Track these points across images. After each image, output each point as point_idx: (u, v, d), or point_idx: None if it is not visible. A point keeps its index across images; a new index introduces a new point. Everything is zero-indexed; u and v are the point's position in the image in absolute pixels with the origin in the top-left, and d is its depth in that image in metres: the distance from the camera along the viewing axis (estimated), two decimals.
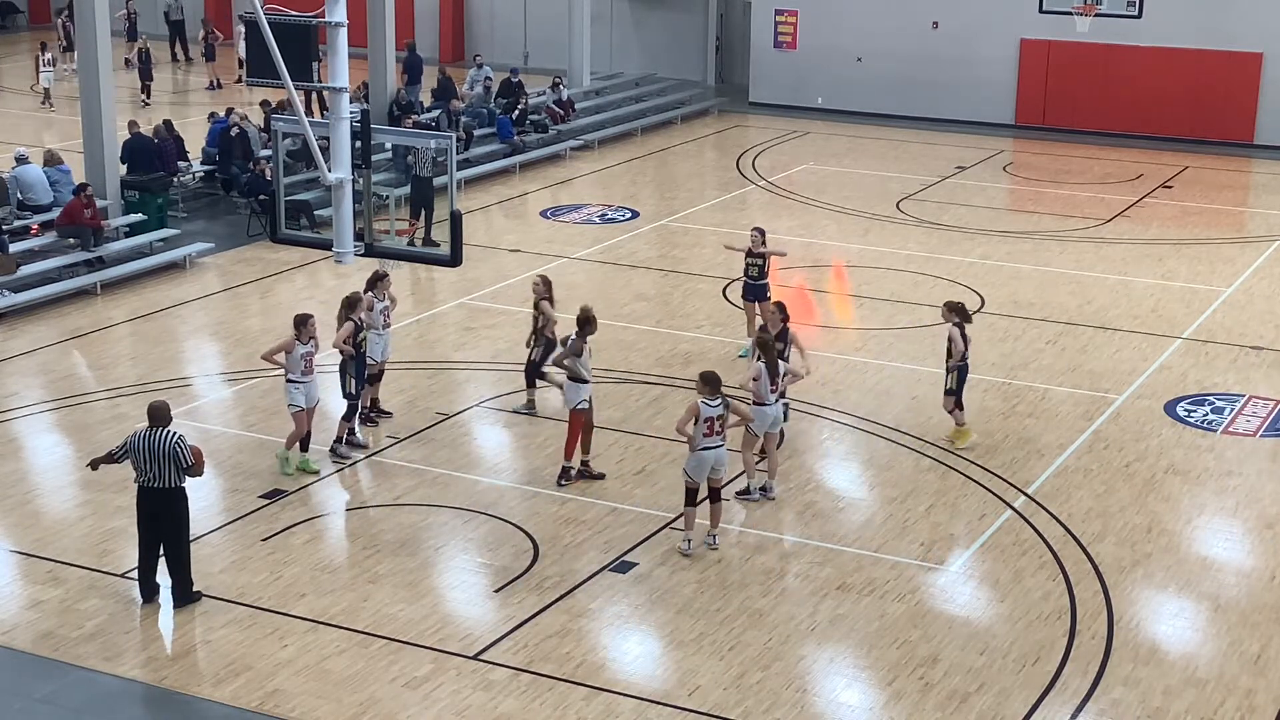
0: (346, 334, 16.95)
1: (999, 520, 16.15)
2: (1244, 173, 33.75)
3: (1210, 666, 13.41)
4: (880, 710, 12.73)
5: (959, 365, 17.64)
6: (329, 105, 15.64)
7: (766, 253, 20.46)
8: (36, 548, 15.17)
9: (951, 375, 17.73)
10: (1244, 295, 24.14)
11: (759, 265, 20.39)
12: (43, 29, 49.25)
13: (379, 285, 18.00)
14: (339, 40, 15.23)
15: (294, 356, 16.47)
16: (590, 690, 12.86)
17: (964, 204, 29.88)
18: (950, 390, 17.79)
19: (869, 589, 14.62)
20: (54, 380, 19.89)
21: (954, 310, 17.77)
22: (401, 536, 15.58)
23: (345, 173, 15.60)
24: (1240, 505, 16.67)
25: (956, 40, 37.49)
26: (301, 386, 16.52)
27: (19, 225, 24.69)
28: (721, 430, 14.95)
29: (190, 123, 32.83)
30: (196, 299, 23.46)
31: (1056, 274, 25.14)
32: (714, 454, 14.94)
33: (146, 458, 13.72)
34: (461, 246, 16.03)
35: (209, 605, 14.10)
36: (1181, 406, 19.35)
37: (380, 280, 18.05)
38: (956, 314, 17.71)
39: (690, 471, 15.02)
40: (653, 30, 43.30)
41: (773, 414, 16.30)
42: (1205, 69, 35.33)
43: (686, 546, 15.14)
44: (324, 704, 12.58)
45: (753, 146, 35.28)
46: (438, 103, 33.61)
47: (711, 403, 14.88)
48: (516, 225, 28.24)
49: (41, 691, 12.81)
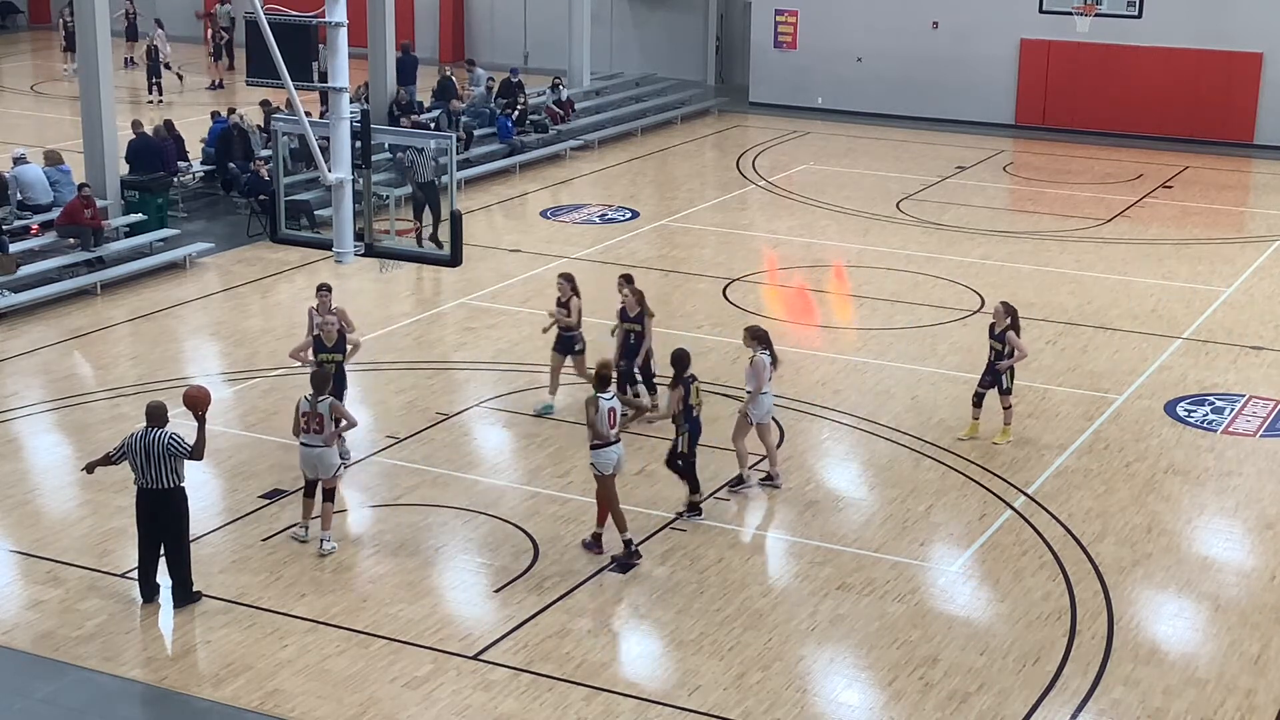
0: (305, 345, 16.91)
1: (999, 520, 16.15)
2: (1244, 173, 33.76)
3: (1210, 666, 13.42)
4: (880, 710, 12.73)
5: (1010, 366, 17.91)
6: (329, 105, 15.60)
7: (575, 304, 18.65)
8: (36, 548, 15.18)
9: (1006, 375, 17.91)
10: (1244, 295, 24.14)
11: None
12: (43, 29, 49.29)
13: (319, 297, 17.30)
14: (339, 40, 15.24)
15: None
16: (590, 690, 12.86)
17: (964, 204, 29.89)
18: (1007, 389, 18.00)
19: (869, 589, 14.62)
20: (54, 380, 19.89)
21: (1008, 312, 17.92)
22: (401, 536, 15.58)
23: (345, 173, 15.61)
24: (1240, 505, 16.68)
25: (956, 40, 37.50)
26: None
27: (19, 225, 24.69)
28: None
29: (190, 123, 32.80)
30: (196, 299, 23.46)
31: (1056, 274, 25.15)
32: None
33: (143, 459, 13.72)
34: (461, 246, 16.04)
35: (209, 605, 14.10)
36: (1181, 406, 19.36)
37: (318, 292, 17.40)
38: (1010, 316, 17.88)
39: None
40: (653, 30, 43.31)
41: (768, 403, 16.53)
42: (1205, 69, 35.34)
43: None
44: (324, 704, 12.58)
45: (753, 146, 35.29)
46: (438, 103, 33.61)
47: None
48: (516, 225, 28.24)
49: (42, 691, 12.81)
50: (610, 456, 15.00)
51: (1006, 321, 17.82)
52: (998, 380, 17.95)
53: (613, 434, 15.03)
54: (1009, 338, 17.79)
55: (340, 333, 16.90)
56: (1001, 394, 17.98)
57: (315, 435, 14.98)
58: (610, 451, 15.00)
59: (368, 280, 23.27)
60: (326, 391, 15.11)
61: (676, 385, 15.81)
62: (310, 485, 15.28)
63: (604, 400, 15.01)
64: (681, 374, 15.80)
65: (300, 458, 15.24)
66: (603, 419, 14.94)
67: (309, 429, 14.99)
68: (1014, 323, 17.88)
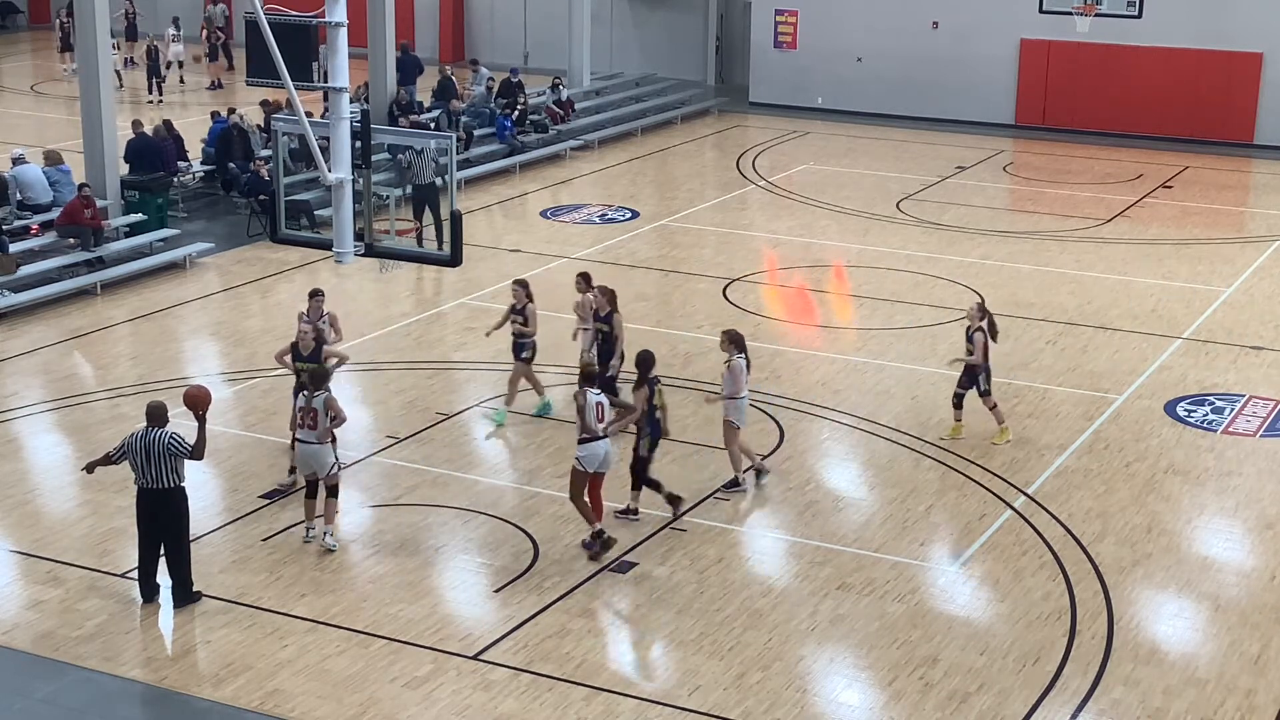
0: (286, 350, 16.74)
1: (999, 520, 16.15)
2: (1244, 173, 33.75)
3: (1210, 666, 13.41)
4: (880, 710, 12.73)
5: (982, 365, 17.84)
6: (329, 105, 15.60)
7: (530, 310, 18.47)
8: (36, 548, 15.18)
9: (983, 376, 17.86)
10: (1244, 295, 24.14)
11: (520, 323, 18.35)
12: (43, 29, 49.29)
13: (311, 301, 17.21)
14: (339, 40, 15.24)
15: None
16: (590, 690, 12.86)
17: (964, 204, 29.88)
18: (985, 391, 17.95)
19: (869, 589, 14.62)
20: (54, 380, 19.89)
21: (982, 314, 17.86)
22: (401, 536, 15.58)
23: (345, 173, 15.61)
24: (1240, 505, 16.68)
25: (956, 40, 37.50)
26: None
27: (19, 225, 24.69)
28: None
29: (190, 123, 32.81)
30: (196, 299, 23.46)
31: (1056, 274, 25.15)
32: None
33: (143, 458, 13.72)
34: (461, 246, 16.03)
35: (209, 605, 14.10)
36: (1181, 406, 19.35)
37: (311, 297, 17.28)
38: (984, 317, 17.84)
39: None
40: (653, 30, 43.31)
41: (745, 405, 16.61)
42: (1205, 69, 35.34)
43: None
44: (324, 704, 12.58)
45: (753, 146, 35.29)
46: (438, 103, 33.61)
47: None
48: (516, 225, 28.24)
49: (42, 691, 12.81)
50: (598, 452, 14.99)
51: (980, 322, 17.76)
52: (974, 381, 17.90)
53: (601, 429, 15.02)
54: (976, 338, 17.73)
55: (317, 342, 16.63)
56: (980, 395, 17.94)
57: (309, 431, 14.98)
58: (598, 446, 14.99)
59: (368, 280, 23.27)
60: (324, 387, 15.11)
61: (641, 386, 15.72)
62: (311, 486, 15.28)
63: (591, 395, 15.04)
64: (646, 375, 15.69)
65: (297, 455, 15.27)
66: (591, 413, 14.95)
67: (303, 424, 15.00)
68: (990, 325, 17.81)
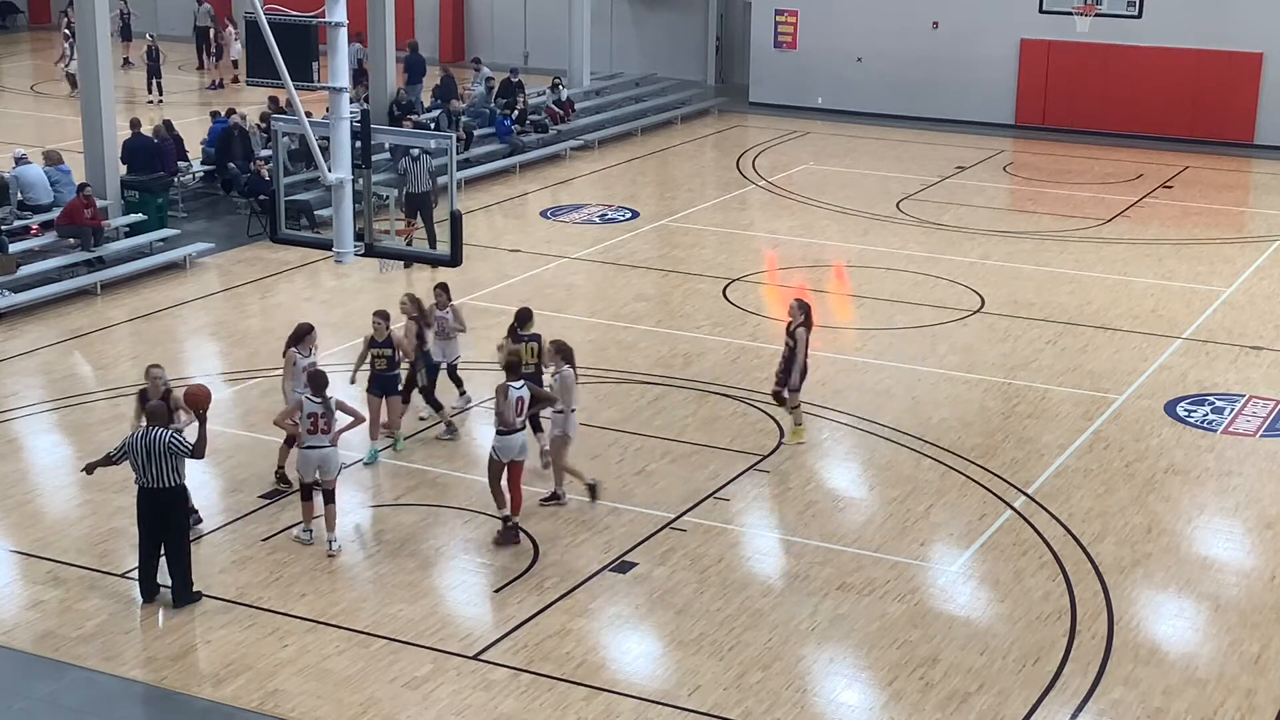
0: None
1: (999, 520, 16.15)
2: (1244, 173, 33.75)
3: (1210, 666, 13.41)
4: (880, 710, 12.73)
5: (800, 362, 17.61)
6: (329, 105, 15.59)
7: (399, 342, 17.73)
8: (36, 548, 15.18)
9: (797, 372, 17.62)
10: (1244, 295, 24.14)
11: (388, 356, 17.30)
12: (43, 29, 49.30)
13: (304, 340, 16.70)
14: (339, 40, 15.24)
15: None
16: (590, 690, 12.86)
17: (964, 204, 29.88)
18: (796, 388, 17.72)
19: (869, 589, 14.62)
20: (54, 380, 19.89)
21: (801, 309, 17.67)
22: (401, 536, 15.58)
23: (345, 173, 15.60)
24: (1240, 505, 16.68)
25: (956, 40, 37.50)
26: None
27: (19, 225, 24.69)
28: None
29: (190, 123, 32.81)
30: (196, 299, 23.46)
31: (1056, 274, 25.15)
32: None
33: (144, 458, 13.73)
34: (461, 246, 16.03)
35: (209, 605, 14.10)
36: (1181, 406, 19.36)
37: (305, 335, 16.78)
38: (804, 314, 17.65)
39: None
40: (653, 30, 43.31)
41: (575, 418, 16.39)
42: (1205, 69, 35.33)
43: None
44: (324, 704, 12.58)
45: (753, 146, 35.29)
46: (438, 103, 33.61)
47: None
48: (516, 225, 28.24)
49: (42, 691, 12.81)
50: (513, 443, 15.29)
51: (800, 318, 17.68)
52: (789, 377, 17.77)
53: (518, 422, 15.30)
54: (798, 335, 17.68)
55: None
56: (789, 391, 17.79)
57: (323, 436, 14.98)
58: (514, 439, 15.29)
59: (368, 280, 23.27)
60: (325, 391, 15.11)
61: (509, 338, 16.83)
62: (306, 489, 15.26)
63: (514, 389, 15.24)
64: (520, 331, 16.90)
65: (300, 460, 15.22)
66: (510, 407, 15.20)
67: (315, 430, 14.98)
68: (807, 320, 17.69)
